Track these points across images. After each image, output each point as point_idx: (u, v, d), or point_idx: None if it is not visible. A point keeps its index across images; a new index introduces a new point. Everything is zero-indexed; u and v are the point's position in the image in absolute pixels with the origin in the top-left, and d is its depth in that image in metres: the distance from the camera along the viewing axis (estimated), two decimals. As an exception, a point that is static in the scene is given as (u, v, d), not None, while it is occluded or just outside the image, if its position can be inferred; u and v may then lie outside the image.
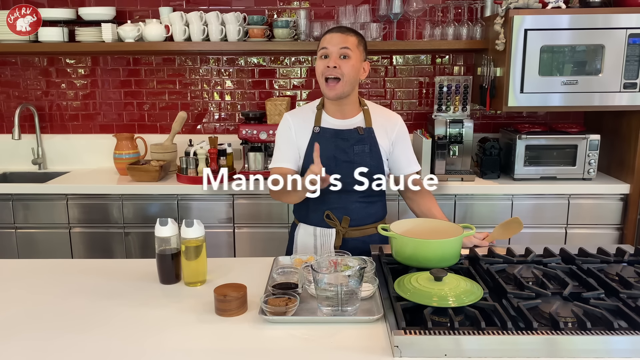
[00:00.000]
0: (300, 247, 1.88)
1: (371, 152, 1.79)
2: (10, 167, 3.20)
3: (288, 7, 3.07)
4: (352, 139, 1.79)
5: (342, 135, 1.79)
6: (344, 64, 1.70)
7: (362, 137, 1.78)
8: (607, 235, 2.69)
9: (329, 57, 1.71)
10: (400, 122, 1.87)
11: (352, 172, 1.69)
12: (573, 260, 1.55)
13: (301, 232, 1.89)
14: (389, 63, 3.14)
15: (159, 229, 1.51)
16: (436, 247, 1.48)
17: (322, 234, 1.83)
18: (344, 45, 1.70)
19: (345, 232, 1.82)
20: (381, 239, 1.78)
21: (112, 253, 2.76)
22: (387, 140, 1.83)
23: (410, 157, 1.88)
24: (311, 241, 1.85)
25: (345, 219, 1.81)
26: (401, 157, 1.86)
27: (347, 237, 1.82)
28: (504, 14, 2.53)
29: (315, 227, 1.85)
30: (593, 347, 1.11)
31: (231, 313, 1.33)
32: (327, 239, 1.82)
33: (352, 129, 1.80)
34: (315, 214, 1.84)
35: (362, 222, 1.83)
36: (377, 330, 1.25)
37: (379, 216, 1.89)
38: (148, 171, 2.76)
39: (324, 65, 1.71)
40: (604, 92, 2.55)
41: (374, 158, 1.80)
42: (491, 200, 2.68)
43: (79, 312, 1.36)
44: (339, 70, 1.70)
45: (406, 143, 1.88)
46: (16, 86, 3.21)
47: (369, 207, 1.83)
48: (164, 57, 3.15)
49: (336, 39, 1.71)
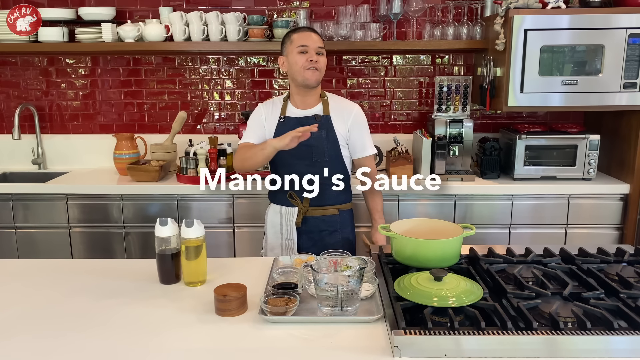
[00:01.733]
0: (269, 224, 2.13)
1: (328, 136, 2.03)
2: (10, 167, 3.20)
3: (288, 7, 3.07)
4: (310, 125, 1.96)
5: (303, 122, 2.00)
6: (320, 59, 2.01)
7: (320, 123, 2.01)
8: (607, 235, 2.69)
9: (308, 52, 1.98)
10: (357, 110, 2.10)
11: (311, 154, 2.01)
12: (573, 260, 1.55)
13: (271, 211, 2.14)
14: (389, 63, 3.14)
15: (159, 229, 1.52)
16: (436, 247, 1.48)
17: (286, 212, 2.09)
18: (320, 44, 2.02)
19: (306, 211, 2.05)
20: (341, 220, 2.09)
21: (112, 253, 2.76)
22: (343, 125, 2.06)
23: (367, 142, 2.11)
24: (277, 219, 2.11)
25: (306, 199, 2.04)
26: (357, 141, 2.09)
27: (307, 216, 2.06)
28: (504, 14, 2.53)
29: (281, 206, 2.10)
30: (593, 347, 1.11)
31: (231, 313, 1.33)
32: (290, 217, 2.07)
33: (311, 116, 2.05)
34: (281, 195, 2.08)
35: (323, 202, 2.06)
36: (377, 330, 1.25)
37: (341, 199, 2.11)
38: (148, 171, 2.76)
39: (305, 59, 1.97)
40: (603, 92, 2.55)
41: (331, 142, 2.04)
42: (491, 200, 2.68)
43: (79, 312, 1.36)
44: (318, 64, 1.99)
45: (363, 128, 2.11)
46: (16, 86, 3.21)
47: (328, 189, 2.05)
48: (164, 57, 3.15)
49: (314, 37, 2.01)
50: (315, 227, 2.06)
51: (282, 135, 1.87)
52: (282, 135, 1.88)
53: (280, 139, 1.86)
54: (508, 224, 2.69)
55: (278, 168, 2.08)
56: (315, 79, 2.01)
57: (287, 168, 2.04)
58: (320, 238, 2.06)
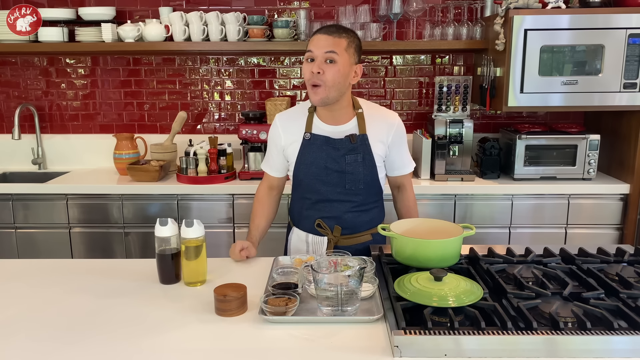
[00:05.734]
0: (294, 251, 1.87)
1: (364, 161, 1.72)
2: (10, 167, 3.20)
3: (288, 7, 3.07)
4: (343, 148, 1.71)
5: (334, 144, 1.71)
6: (329, 68, 1.60)
7: (355, 146, 1.70)
8: (607, 235, 2.69)
9: (314, 60, 1.62)
10: (397, 123, 1.78)
11: (344, 182, 1.71)
12: (573, 260, 1.55)
13: (294, 237, 1.88)
14: (389, 63, 3.14)
15: (159, 229, 1.51)
16: (436, 247, 1.48)
17: (314, 241, 1.82)
18: (329, 49, 1.60)
19: (337, 241, 1.78)
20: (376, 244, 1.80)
21: (112, 253, 2.76)
22: (382, 145, 1.75)
23: (405, 158, 1.84)
24: (304, 247, 1.84)
25: (337, 229, 1.77)
26: (396, 159, 1.81)
27: (339, 245, 1.77)
28: (503, 14, 2.53)
29: (307, 233, 1.83)
30: (593, 347, 1.11)
31: (231, 313, 1.33)
32: (319, 247, 1.80)
33: (344, 137, 1.71)
34: (306, 221, 1.81)
35: (354, 230, 1.79)
36: (377, 330, 1.25)
37: (374, 223, 1.80)
38: (148, 171, 2.76)
39: (309, 70, 1.62)
40: (603, 92, 2.55)
41: (367, 167, 1.73)
42: (491, 200, 2.68)
43: (79, 312, 1.36)
44: (322, 77, 1.60)
45: (402, 145, 1.81)
46: (16, 86, 3.21)
47: (362, 215, 1.78)
48: (164, 57, 3.15)
49: (323, 41, 1.61)
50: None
51: (236, 245, 1.71)
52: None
53: (233, 254, 1.71)
54: (508, 224, 2.69)
55: (303, 191, 1.79)
56: (318, 100, 1.64)
57: (314, 194, 1.76)
58: None
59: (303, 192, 1.79)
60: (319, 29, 1.67)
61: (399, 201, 1.92)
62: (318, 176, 1.71)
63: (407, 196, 1.89)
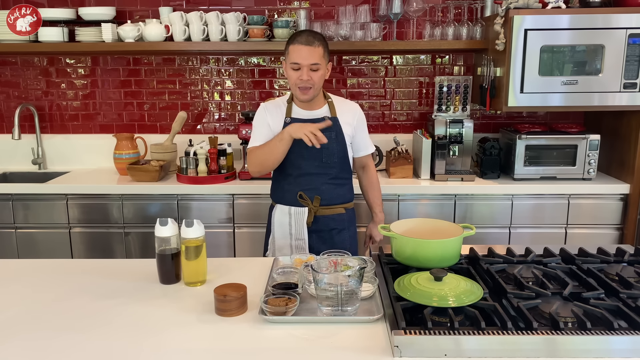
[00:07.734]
0: (277, 224, 2.10)
1: (337, 137, 2.05)
2: (10, 167, 3.20)
3: (288, 7, 3.07)
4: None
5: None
6: (315, 74, 1.95)
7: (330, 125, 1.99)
8: (607, 235, 2.69)
9: (300, 70, 1.93)
10: (359, 111, 2.15)
11: (321, 155, 2.02)
12: (573, 260, 1.55)
13: (278, 212, 2.11)
14: (389, 63, 3.14)
15: (159, 229, 1.52)
16: (436, 247, 1.48)
17: (296, 212, 2.07)
18: (314, 61, 1.92)
19: (317, 211, 2.05)
20: (348, 218, 2.12)
21: (112, 253, 2.76)
22: (349, 127, 2.10)
23: (367, 141, 2.19)
24: (286, 219, 2.08)
25: (317, 199, 2.05)
26: (360, 142, 2.16)
27: (318, 215, 2.05)
28: (504, 14, 2.53)
29: (290, 206, 2.07)
30: (593, 347, 1.11)
31: (231, 313, 1.33)
32: (301, 217, 2.06)
33: (320, 118, 2.04)
34: (289, 195, 2.07)
35: (331, 201, 2.08)
36: (377, 330, 1.25)
37: (347, 198, 2.14)
38: (148, 171, 2.76)
39: (297, 76, 1.94)
40: (603, 92, 2.55)
41: (340, 143, 2.06)
42: (491, 200, 2.68)
43: (79, 312, 1.36)
44: (311, 81, 1.95)
45: (364, 129, 2.17)
46: (16, 86, 3.21)
47: (337, 189, 2.09)
48: (164, 57, 3.15)
49: (305, 53, 1.91)
50: (325, 226, 2.07)
51: (301, 124, 1.91)
52: (298, 123, 1.93)
53: (299, 129, 1.88)
54: (508, 224, 2.69)
55: (286, 168, 2.07)
56: (309, 97, 1.99)
57: (295, 169, 2.05)
58: (330, 237, 2.07)
59: (285, 169, 2.07)
60: (297, 39, 1.95)
61: (364, 179, 2.27)
62: (299, 153, 2.00)
63: (371, 173, 2.25)
